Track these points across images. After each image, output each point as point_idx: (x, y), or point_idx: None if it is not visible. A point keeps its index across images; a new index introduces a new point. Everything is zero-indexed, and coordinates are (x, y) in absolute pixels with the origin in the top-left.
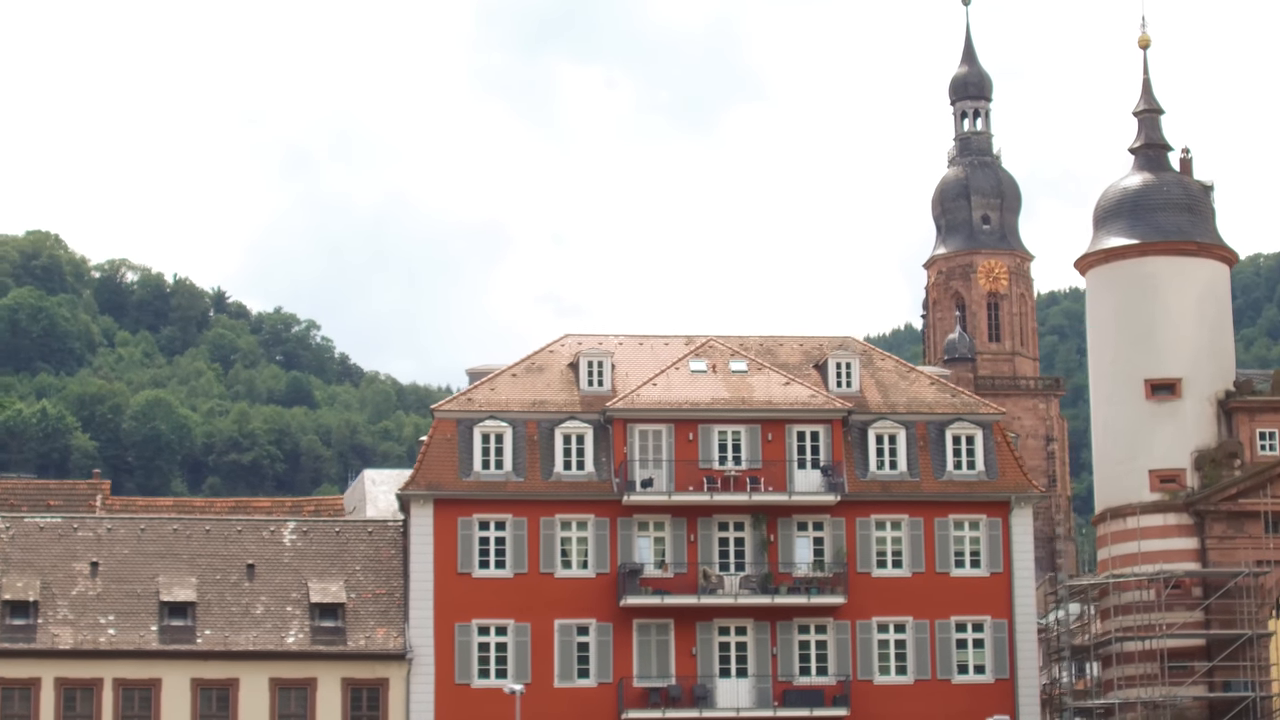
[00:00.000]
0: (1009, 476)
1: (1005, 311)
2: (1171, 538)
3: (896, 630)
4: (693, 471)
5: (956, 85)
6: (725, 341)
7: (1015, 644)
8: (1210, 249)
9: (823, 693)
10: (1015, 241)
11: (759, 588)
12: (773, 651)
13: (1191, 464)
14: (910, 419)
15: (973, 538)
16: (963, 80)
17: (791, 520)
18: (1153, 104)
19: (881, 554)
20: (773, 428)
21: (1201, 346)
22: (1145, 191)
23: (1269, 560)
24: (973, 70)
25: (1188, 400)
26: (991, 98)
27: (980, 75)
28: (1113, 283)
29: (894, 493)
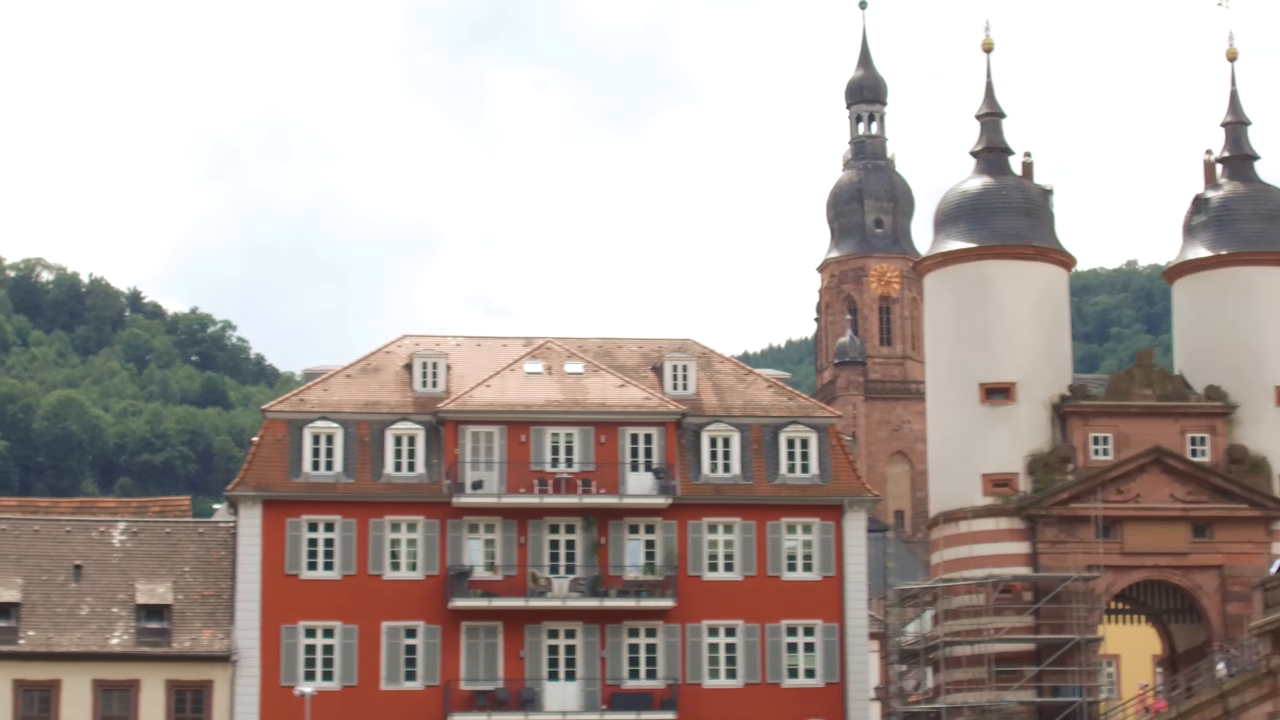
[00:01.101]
0: (842, 480)
1: (897, 315)
2: (1003, 542)
3: (727, 634)
4: (524, 473)
5: (852, 89)
6: (564, 343)
7: (846, 648)
8: (1048, 253)
9: (651, 696)
10: (908, 245)
11: (588, 590)
12: (602, 654)
13: (1024, 468)
14: (745, 422)
15: (805, 541)
16: (858, 84)
17: (623, 523)
18: (994, 108)
19: (713, 557)
20: (606, 430)
21: (1037, 351)
22: (984, 195)
23: (1099, 565)
24: (868, 74)
25: (1022, 404)
26: (886, 102)
27: (875, 79)
28: (950, 286)
29: (726, 496)
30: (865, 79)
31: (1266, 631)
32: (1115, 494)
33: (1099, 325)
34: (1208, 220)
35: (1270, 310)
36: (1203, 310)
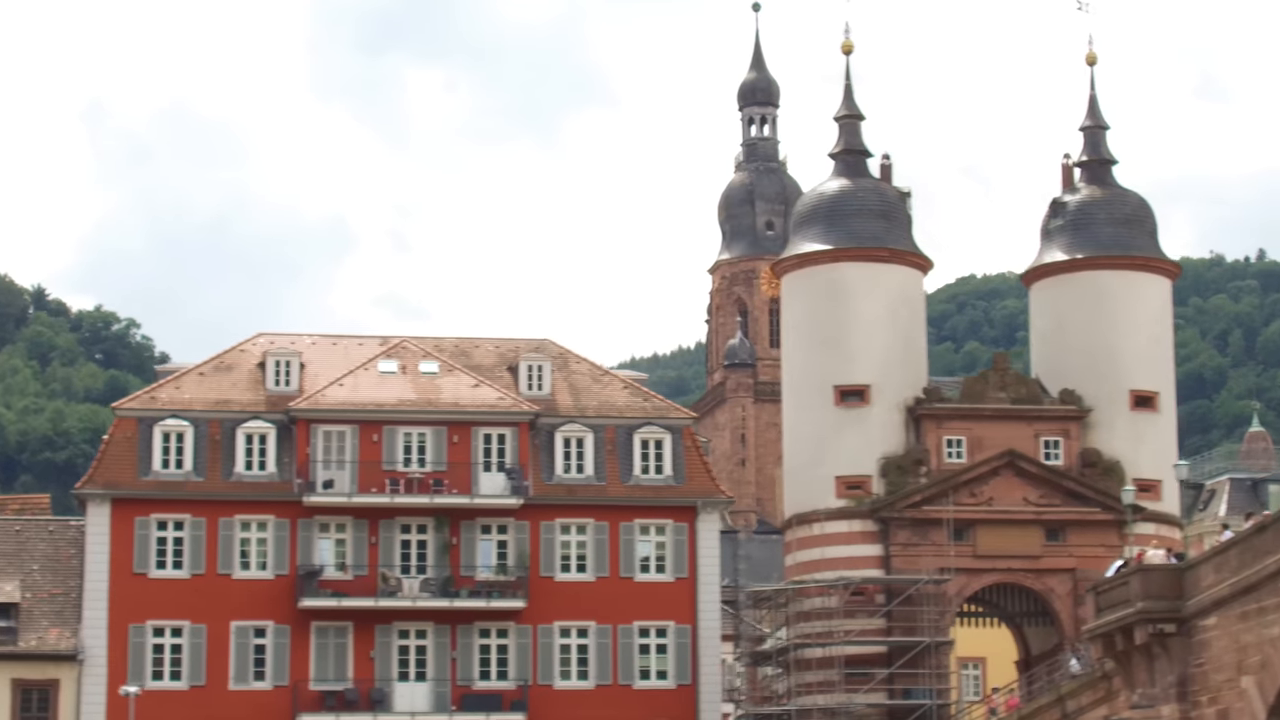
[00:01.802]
0: (696, 482)
1: None
2: (855, 544)
3: (579, 635)
4: (376, 473)
5: (744, 91)
6: (420, 343)
7: (699, 650)
8: (904, 255)
9: (501, 697)
10: None
11: (439, 591)
12: (452, 655)
13: (878, 470)
14: (599, 423)
15: (658, 543)
16: (750, 86)
17: (475, 523)
18: (853, 110)
19: (565, 558)
20: (458, 430)
21: (892, 353)
22: (842, 197)
23: (951, 568)
24: (760, 77)
25: (876, 407)
26: (779, 104)
27: (767, 82)
28: (806, 288)
29: (579, 497)
30: (757, 81)
31: (1099, 635)
32: (968, 497)
33: (1006, 329)
34: (1064, 224)
35: (1125, 314)
36: (1059, 314)
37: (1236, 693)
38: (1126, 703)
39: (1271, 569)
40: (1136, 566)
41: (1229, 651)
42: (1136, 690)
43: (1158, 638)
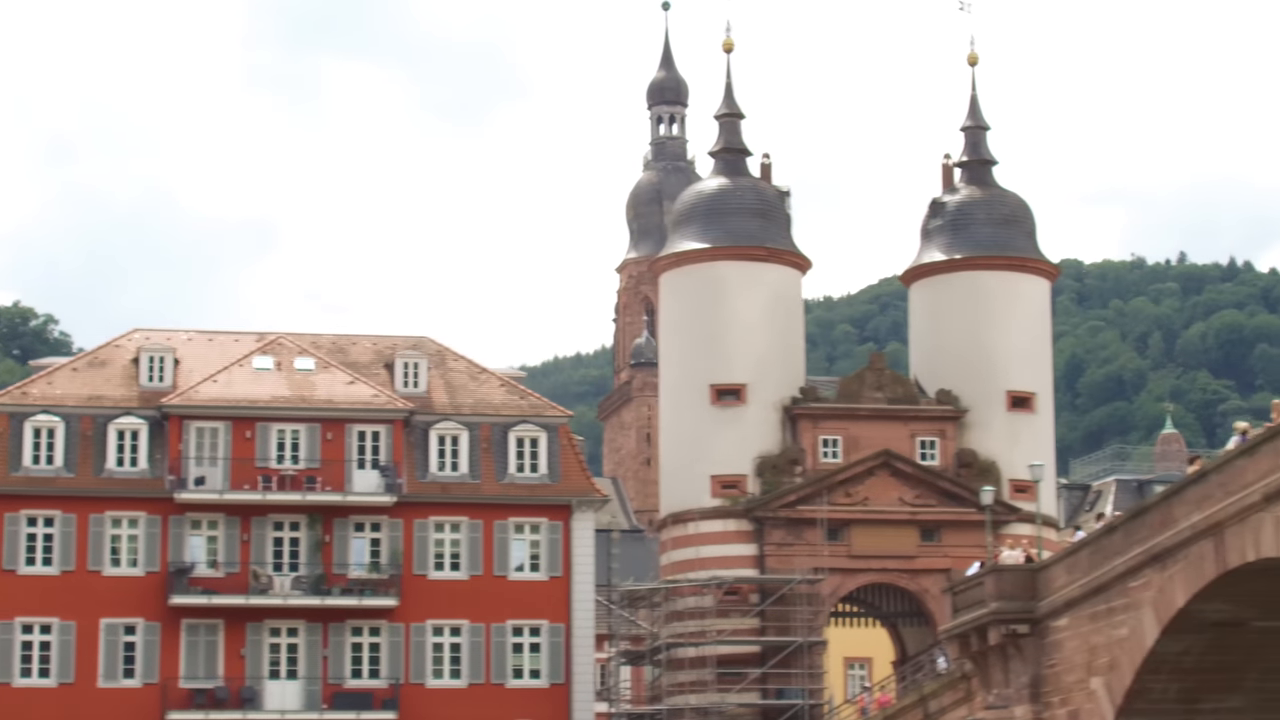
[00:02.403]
0: (572, 480)
1: None
2: (730, 544)
3: (451, 634)
4: (248, 470)
5: (653, 90)
6: (296, 339)
7: (572, 649)
8: (781, 254)
9: (372, 695)
10: None
11: (311, 589)
12: (324, 653)
13: (753, 470)
14: (474, 420)
15: (533, 541)
16: (659, 85)
17: (348, 521)
18: (733, 108)
19: (439, 556)
20: (332, 427)
21: (769, 352)
22: (720, 196)
23: (826, 568)
24: (669, 76)
25: (752, 406)
26: (688, 104)
27: (676, 81)
28: (683, 286)
29: (453, 494)
30: (666, 80)
31: (955, 636)
32: (843, 497)
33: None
34: (944, 224)
35: (1003, 315)
36: (937, 314)
37: (1086, 694)
38: (983, 703)
39: (1119, 570)
40: (991, 567)
41: (1079, 652)
42: (992, 691)
43: (1011, 638)
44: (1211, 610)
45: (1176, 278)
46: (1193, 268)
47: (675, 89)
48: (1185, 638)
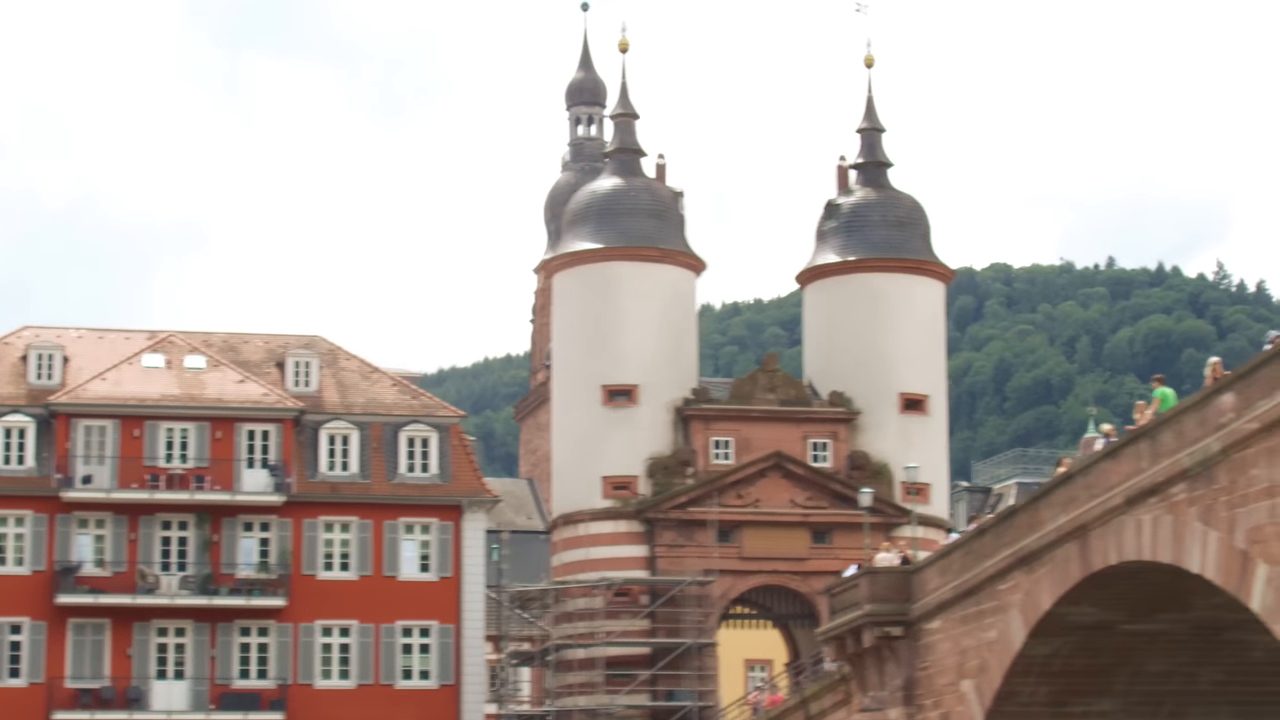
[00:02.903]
0: (463, 480)
1: None
2: (621, 545)
3: (340, 634)
4: (136, 469)
5: (572, 90)
6: (188, 338)
7: (462, 650)
8: (675, 255)
9: (260, 696)
10: None
11: (199, 588)
12: (211, 654)
13: (645, 471)
14: (365, 420)
15: (423, 541)
16: (578, 86)
17: (237, 520)
18: (627, 108)
19: (329, 556)
20: (221, 426)
21: (661, 353)
22: (614, 196)
23: (716, 569)
24: (588, 76)
25: (644, 407)
26: (606, 104)
27: (595, 82)
28: (576, 286)
29: (343, 494)
30: (585, 81)
31: (832, 638)
32: (735, 498)
33: None
34: (838, 226)
35: (897, 317)
36: (831, 316)
37: (957, 696)
38: (859, 705)
39: (989, 573)
40: (865, 570)
41: (951, 655)
42: (868, 693)
43: (885, 641)
44: (1078, 613)
45: (1105, 282)
46: (1121, 272)
47: (593, 90)
48: (1053, 640)
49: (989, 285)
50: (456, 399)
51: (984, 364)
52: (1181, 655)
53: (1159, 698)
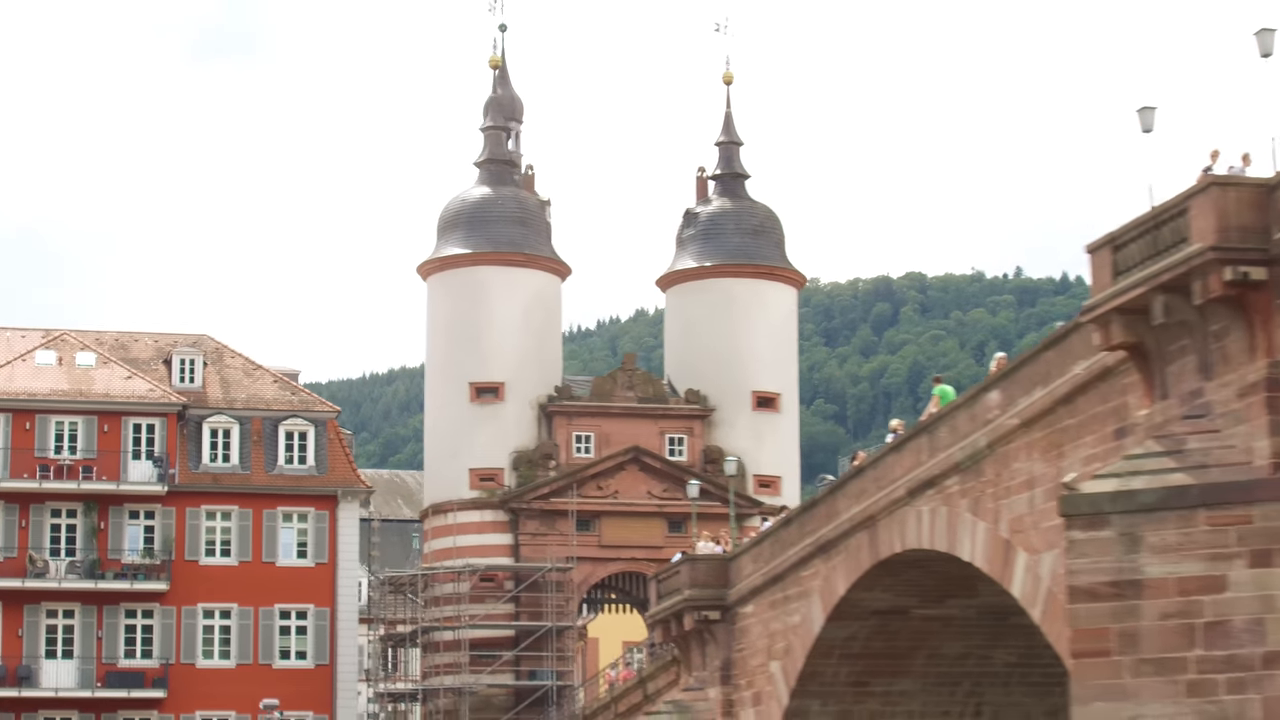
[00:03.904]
0: (338, 472)
1: None
2: (487, 533)
3: (221, 616)
4: (28, 459)
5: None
6: (81, 335)
7: (337, 631)
8: (540, 261)
9: (144, 675)
10: None
11: (86, 573)
12: (98, 634)
13: (510, 464)
14: (246, 414)
15: (300, 529)
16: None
17: (123, 509)
18: (498, 121)
19: (210, 543)
20: (109, 419)
21: (526, 353)
22: (483, 204)
23: (576, 557)
24: (505, 93)
25: (510, 403)
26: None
27: (511, 97)
28: (447, 289)
29: (224, 484)
30: (501, 98)
31: (659, 621)
32: (595, 490)
33: None
34: (696, 233)
35: (750, 320)
36: (689, 318)
37: (767, 676)
38: (683, 685)
39: (792, 560)
40: (686, 557)
41: (762, 637)
42: (692, 673)
43: (705, 624)
44: (872, 598)
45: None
46: (1028, 281)
47: (509, 105)
48: (851, 624)
49: (904, 293)
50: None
51: (899, 366)
52: (975, 638)
53: (956, 678)
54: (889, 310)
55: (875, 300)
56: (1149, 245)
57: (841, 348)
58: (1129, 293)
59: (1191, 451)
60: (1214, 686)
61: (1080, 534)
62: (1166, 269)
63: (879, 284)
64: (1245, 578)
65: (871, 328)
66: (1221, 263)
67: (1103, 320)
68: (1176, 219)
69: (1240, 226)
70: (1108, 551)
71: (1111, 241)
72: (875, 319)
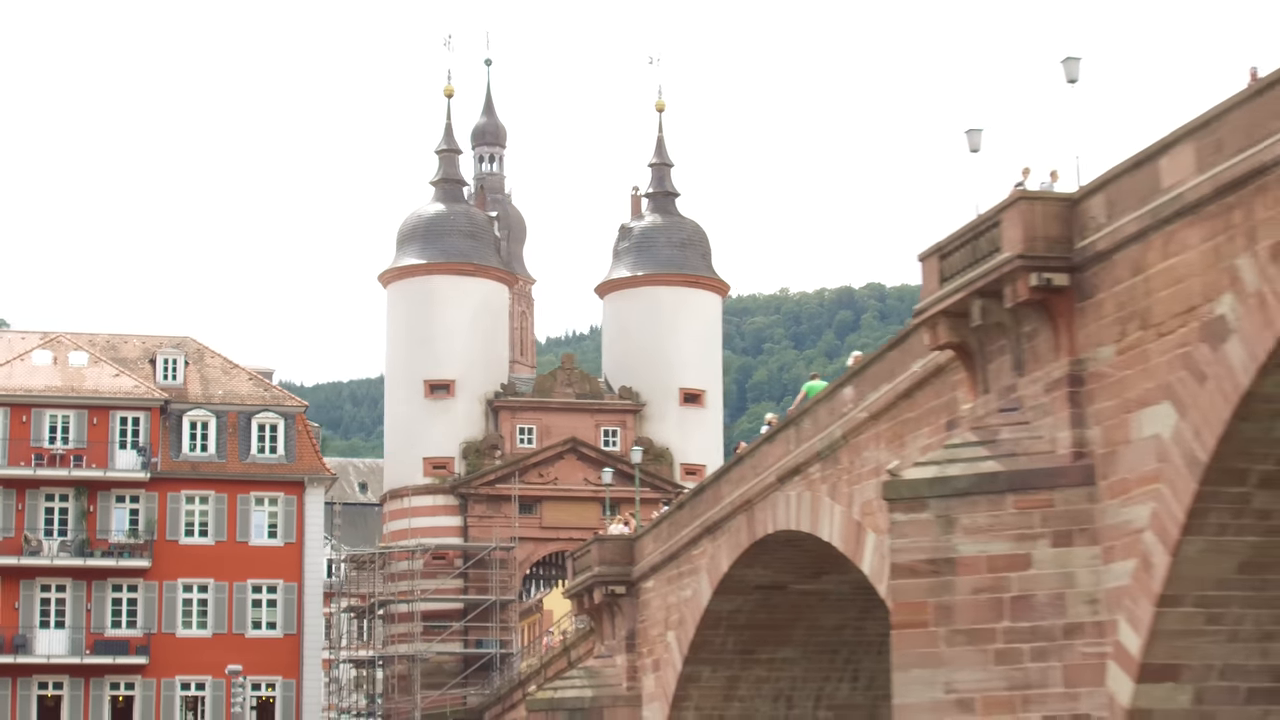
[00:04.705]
0: (305, 460)
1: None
2: (439, 516)
3: (199, 590)
4: (24, 449)
5: (477, 132)
6: (75, 337)
7: (304, 605)
8: (488, 270)
9: (128, 643)
10: (519, 267)
11: (76, 551)
12: (87, 607)
13: (460, 453)
14: (223, 408)
15: (271, 512)
16: (482, 129)
17: (110, 494)
18: (451, 144)
19: (189, 524)
20: (98, 413)
21: (475, 353)
22: (436, 219)
23: (518, 536)
24: (491, 121)
25: (460, 399)
26: (506, 145)
27: (497, 126)
28: (405, 295)
29: (202, 472)
30: (488, 125)
31: (574, 595)
32: (536, 477)
33: (754, 342)
34: (630, 246)
35: (678, 324)
36: (623, 322)
37: (665, 645)
38: (596, 653)
39: (685, 540)
40: (596, 537)
41: (660, 610)
42: (604, 642)
43: (612, 598)
44: (753, 575)
45: None
46: None
47: (495, 132)
48: (735, 598)
49: (865, 301)
50: None
51: None
52: (849, 611)
53: (834, 647)
54: (851, 317)
55: (839, 308)
56: (969, 254)
57: (809, 350)
58: (951, 297)
59: (1003, 441)
60: (1020, 655)
61: (902, 516)
62: (982, 275)
63: (842, 294)
64: (1048, 556)
65: (835, 333)
66: (1028, 270)
67: (931, 322)
68: (991, 230)
69: (1045, 237)
70: (926, 532)
71: (939, 250)
72: (839, 325)
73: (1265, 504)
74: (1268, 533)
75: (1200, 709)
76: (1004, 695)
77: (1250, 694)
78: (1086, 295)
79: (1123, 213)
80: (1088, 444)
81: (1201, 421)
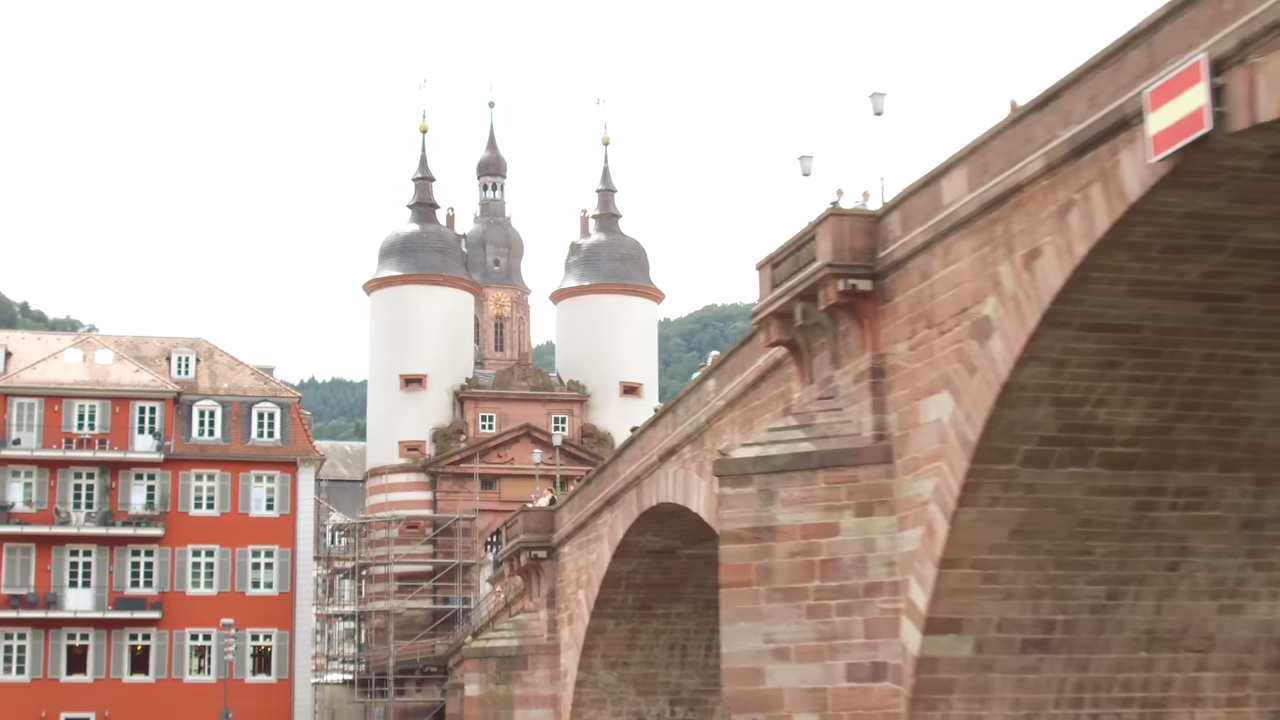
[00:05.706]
0: (298, 444)
1: (508, 330)
2: (412, 491)
3: (206, 555)
4: (56, 434)
5: (481, 165)
6: (102, 339)
7: (296, 567)
8: (456, 280)
9: (145, 600)
10: (518, 279)
11: (100, 521)
12: (110, 569)
13: (430, 437)
14: (227, 399)
15: (268, 488)
16: (485, 161)
17: (130, 472)
18: (426, 173)
19: (198, 498)
20: (120, 403)
21: (443, 352)
22: (412, 237)
23: (479, 509)
24: (493, 154)
25: (431, 391)
26: (507, 175)
27: (498, 158)
28: (386, 302)
29: (209, 453)
30: (491, 158)
31: (506, 559)
32: (496, 458)
33: None
34: (579, 259)
35: (619, 326)
36: (573, 325)
37: (577, 602)
38: (524, 608)
39: (591, 511)
40: (523, 508)
41: (573, 571)
42: (531, 599)
43: (536, 562)
44: (646, 541)
45: None
46: None
47: (496, 165)
48: (632, 561)
49: None
50: None
51: None
52: None
53: None
54: None
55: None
56: (794, 264)
57: None
58: (779, 301)
59: (818, 425)
60: (828, 610)
61: (730, 490)
62: (801, 281)
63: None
64: (852, 525)
65: None
66: (836, 276)
67: (764, 323)
68: (809, 242)
69: (852, 248)
70: (750, 504)
71: (770, 260)
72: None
73: (1030, 479)
74: (1034, 504)
75: (980, 657)
76: (814, 645)
77: (1024, 644)
78: (886, 299)
79: (913, 227)
80: (887, 428)
81: (971, 407)
